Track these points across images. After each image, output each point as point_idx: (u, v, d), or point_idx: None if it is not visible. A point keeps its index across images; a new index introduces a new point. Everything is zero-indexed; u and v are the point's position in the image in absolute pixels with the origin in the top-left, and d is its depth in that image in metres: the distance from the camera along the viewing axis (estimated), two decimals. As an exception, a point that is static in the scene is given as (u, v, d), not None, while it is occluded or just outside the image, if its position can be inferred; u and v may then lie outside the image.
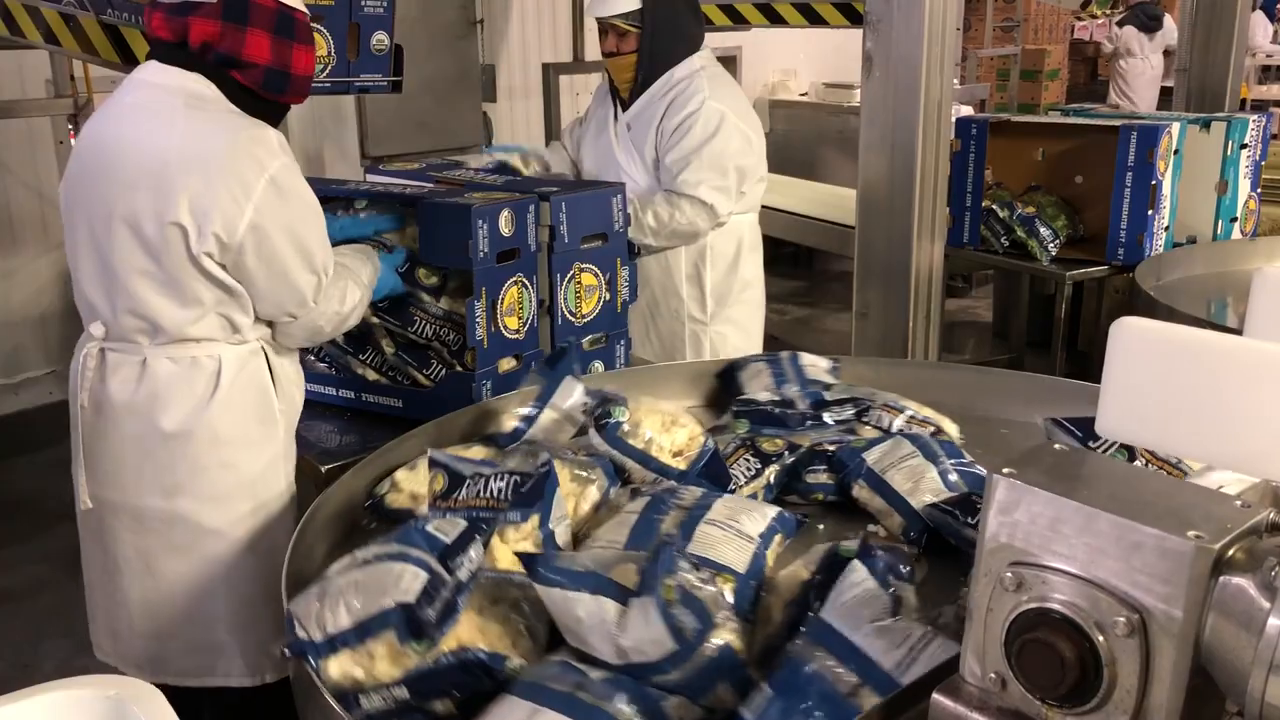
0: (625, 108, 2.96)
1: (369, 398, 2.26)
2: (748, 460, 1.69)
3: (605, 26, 2.90)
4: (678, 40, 2.88)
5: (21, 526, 3.97)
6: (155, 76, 1.81)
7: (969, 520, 1.42)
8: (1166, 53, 9.51)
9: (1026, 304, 4.86)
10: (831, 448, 1.70)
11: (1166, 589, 0.75)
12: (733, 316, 2.95)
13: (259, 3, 1.77)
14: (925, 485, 1.55)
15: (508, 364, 2.23)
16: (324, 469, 2.03)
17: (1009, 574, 0.83)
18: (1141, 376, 0.95)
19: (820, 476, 1.67)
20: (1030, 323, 4.89)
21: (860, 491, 1.61)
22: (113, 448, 1.86)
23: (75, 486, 1.93)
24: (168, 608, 1.88)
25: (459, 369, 2.17)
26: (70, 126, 4.43)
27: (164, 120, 1.76)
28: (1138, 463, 1.49)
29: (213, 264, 1.75)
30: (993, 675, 0.85)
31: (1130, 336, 0.96)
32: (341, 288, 1.92)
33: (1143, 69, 9.58)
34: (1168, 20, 9.58)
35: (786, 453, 1.70)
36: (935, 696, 0.87)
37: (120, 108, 1.84)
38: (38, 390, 4.78)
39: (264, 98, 1.84)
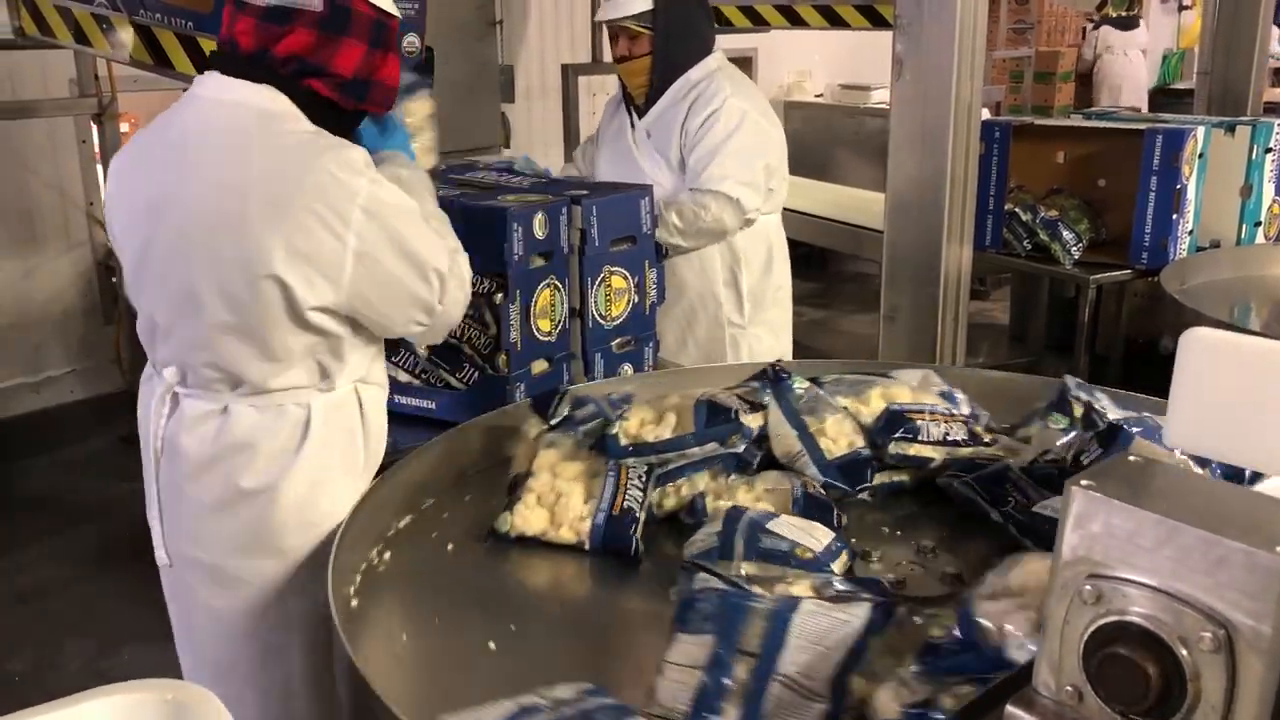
0: (641, 115, 2.94)
1: (401, 399, 2.26)
2: None
3: (616, 31, 2.88)
4: (691, 40, 2.86)
5: (43, 525, 3.99)
6: (219, 93, 1.65)
7: None
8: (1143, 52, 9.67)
9: (1046, 307, 4.86)
10: None
11: (1255, 605, 0.75)
12: (768, 319, 2.95)
13: (360, 10, 1.63)
14: None
15: (540, 366, 2.23)
16: (358, 470, 2.03)
17: (1088, 586, 0.83)
18: (1212, 388, 0.94)
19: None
20: (1049, 326, 4.89)
21: None
22: (188, 502, 1.73)
23: (154, 537, 1.80)
24: (239, 674, 1.77)
25: (490, 372, 2.17)
26: (94, 126, 4.43)
27: (237, 151, 1.61)
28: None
29: (317, 314, 1.61)
30: (1069, 688, 0.85)
31: (1201, 348, 0.95)
32: (458, 277, 1.74)
33: (1124, 65, 9.63)
34: (1142, 24, 9.75)
35: None
36: (1009, 709, 0.87)
37: (185, 134, 1.66)
38: (59, 389, 4.80)
39: (340, 106, 1.68)
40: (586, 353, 2.33)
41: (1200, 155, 3.57)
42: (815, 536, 1.44)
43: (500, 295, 2.11)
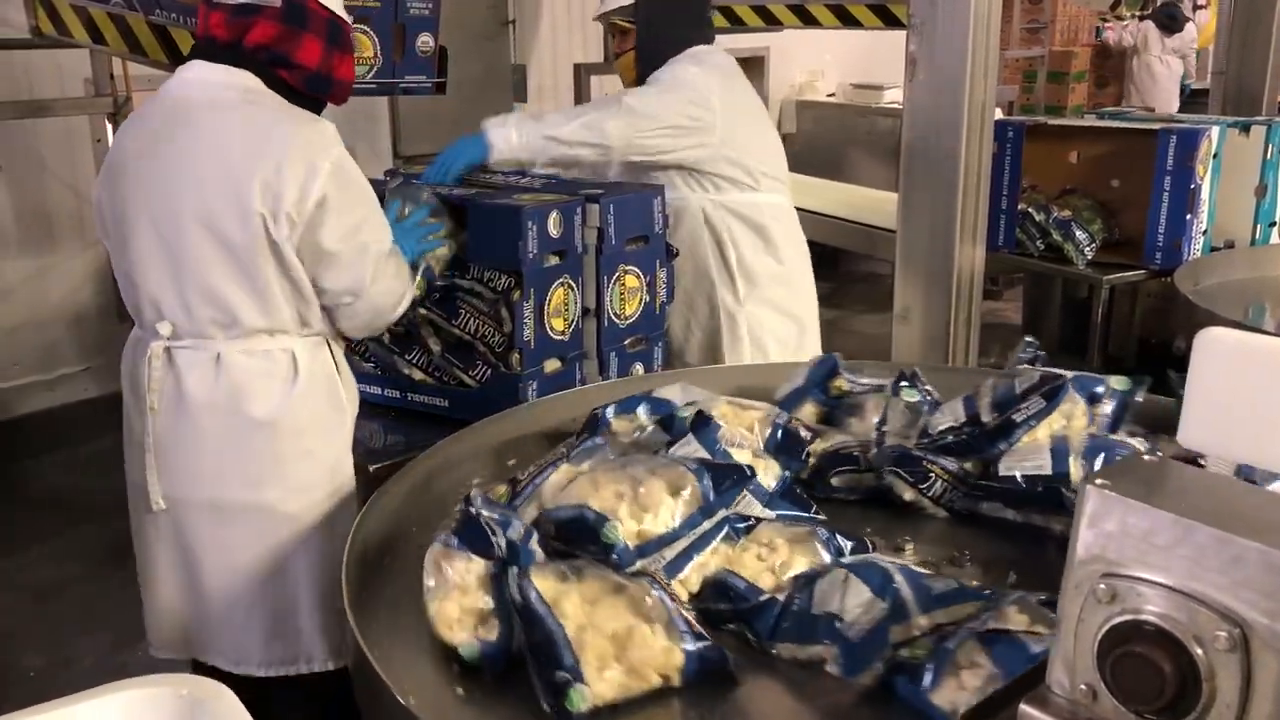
0: None
1: (415, 397, 2.27)
2: None
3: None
4: (676, 30, 2.78)
5: (57, 521, 4.01)
6: (205, 74, 1.86)
7: None
8: (1183, 56, 9.57)
9: (1058, 308, 4.85)
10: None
11: (1270, 604, 0.74)
12: (769, 298, 2.84)
13: (315, 10, 1.85)
14: None
15: (552, 365, 2.24)
16: (371, 468, 2.05)
17: (1102, 585, 0.83)
18: (1227, 388, 0.94)
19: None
20: (1061, 326, 4.88)
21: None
22: (189, 445, 1.88)
23: (139, 489, 1.93)
24: (248, 599, 1.92)
25: (504, 370, 2.18)
26: (109, 125, 4.45)
27: (224, 115, 1.81)
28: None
29: (290, 252, 1.80)
30: (1083, 687, 0.85)
31: (1216, 347, 0.95)
32: (396, 264, 1.97)
33: (1159, 68, 9.56)
34: (1189, 27, 9.62)
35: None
36: (1023, 707, 0.87)
37: (173, 106, 1.86)
38: (73, 387, 4.82)
39: (306, 95, 1.90)
40: (601, 351, 2.34)
41: (1215, 155, 3.55)
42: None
43: (516, 293, 2.11)
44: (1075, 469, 1.52)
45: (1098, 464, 1.53)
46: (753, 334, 2.85)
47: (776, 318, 2.90)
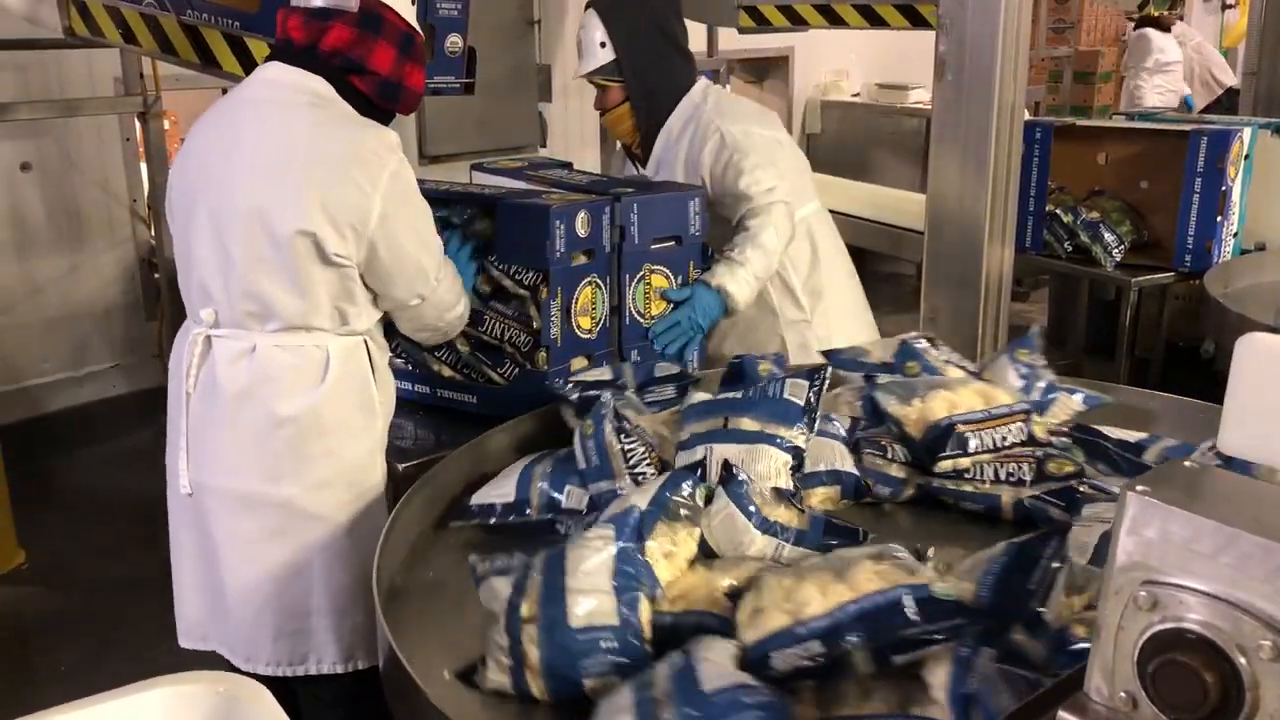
0: (643, 163, 2.80)
1: (443, 393, 2.28)
2: None
3: (592, 84, 2.76)
4: (669, 77, 2.73)
5: (86, 517, 4.04)
6: (279, 75, 1.90)
7: None
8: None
9: (1085, 310, 4.82)
10: None
11: (1316, 613, 0.74)
12: (833, 309, 2.82)
13: (390, 19, 1.90)
14: None
15: (579, 364, 2.24)
16: (400, 467, 2.05)
17: (1143, 593, 0.82)
18: (1269, 394, 0.93)
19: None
20: (1088, 328, 4.85)
21: None
22: (218, 433, 1.91)
23: (174, 473, 1.97)
24: (262, 593, 1.92)
25: (530, 368, 2.18)
26: (138, 124, 4.49)
27: (288, 116, 1.85)
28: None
29: (342, 261, 1.83)
30: (1122, 695, 0.84)
31: (1257, 352, 0.94)
32: (451, 267, 2.03)
33: (1214, 49, 9.61)
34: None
35: None
36: (1061, 714, 0.86)
37: (243, 103, 1.92)
38: (102, 383, 4.87)
39: (376, 104, 1.94)
40: (623, 349, 2.34)
41: (1246, 157, 3.52)
42: None
43: (543, 291, 2.12)
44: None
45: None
46: (816, 345, 2.75)
47: (825, 327, 2.82)
